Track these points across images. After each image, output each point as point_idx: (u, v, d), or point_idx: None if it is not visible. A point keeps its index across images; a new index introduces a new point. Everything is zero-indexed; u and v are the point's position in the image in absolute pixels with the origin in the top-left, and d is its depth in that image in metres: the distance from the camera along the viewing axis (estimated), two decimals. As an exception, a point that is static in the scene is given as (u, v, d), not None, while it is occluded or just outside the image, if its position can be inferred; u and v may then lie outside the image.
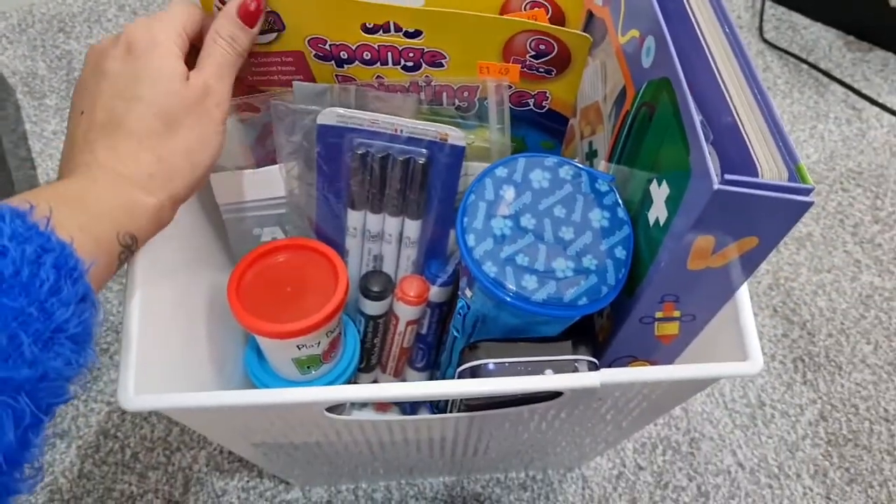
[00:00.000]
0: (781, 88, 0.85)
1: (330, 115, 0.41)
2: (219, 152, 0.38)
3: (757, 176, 0.33)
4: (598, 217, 0.39)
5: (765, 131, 0.35)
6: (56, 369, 0.26)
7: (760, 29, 0.90)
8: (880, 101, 0.83)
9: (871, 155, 0.79)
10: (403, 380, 0.57)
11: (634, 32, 0.41)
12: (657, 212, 0.37)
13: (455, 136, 0.41)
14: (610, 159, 0.44)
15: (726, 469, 0.61)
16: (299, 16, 0.42)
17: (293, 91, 0.42)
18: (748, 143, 0.35)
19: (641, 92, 0.40)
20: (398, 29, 0.42)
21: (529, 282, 0.37)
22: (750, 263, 0.35)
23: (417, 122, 0.41)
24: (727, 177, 0.31)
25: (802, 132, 0.81)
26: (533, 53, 0.43)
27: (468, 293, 0.39)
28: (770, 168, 0.33)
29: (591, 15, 0.50)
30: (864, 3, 0.86)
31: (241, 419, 0.39)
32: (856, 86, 0.85)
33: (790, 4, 0.93)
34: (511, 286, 0.36)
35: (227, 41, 0.38)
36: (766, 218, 0.32)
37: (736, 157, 0.35)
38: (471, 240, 0.38)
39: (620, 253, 0.38)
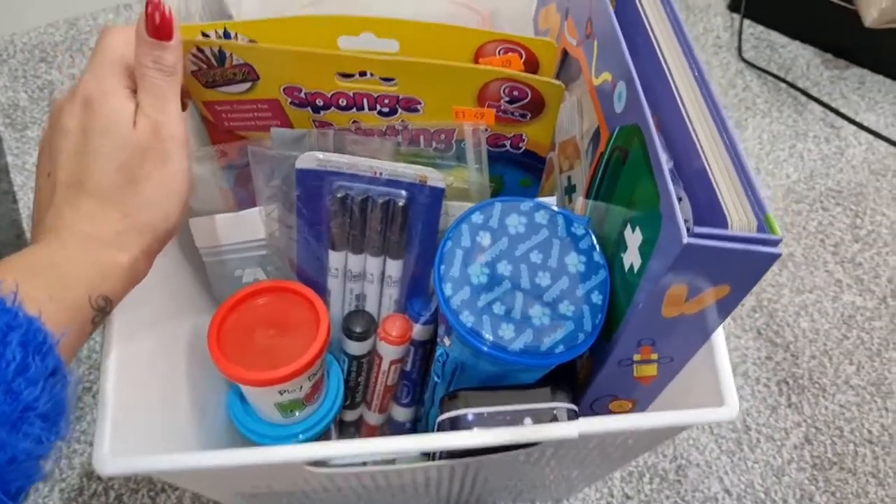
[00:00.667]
0: (761, 108, 0.86)
1: (309, 160, 0.41)
2: (188, 192, 0.38)
3: (726, 226, 0.34)
4: (574, 262, 0.39)
5: (734, 178, 0.35)
6: (26, 450, 0.26)
7: (739, 48, 0.91)
8: (857, 119, 0.84)
9: (850, 173, 0.80)
10: (389, 416, 0.57)
11: (607, 76, 0.42)
12: (631, 257, 0.37)
13: (434, 177, 0.41)
14: (587, 197, 0.45)
15: (713, 496, 0.62)
16: (273, 67, 0.42)
17: (271, 137, 0.43)
18: (717, 190, 0.35)
19: (615, 136, 0.40)
20: (373, 74, 0.43)
21: (506, 331, 0.37)
22: (724, 309, 0.36)
23: (396, 164, 0.41)
24: (696, 230, 0.31)
25: (782, 151, 0.82)
26: (507, 99, 0.43)
27: (446, 341, 0.40)
28: (739, 217, 0.33)
29: (566, 54, 0.50)
30: (839, 21, 0.87)
31: (223, 475, 0.39)
32: (834, 104, 0.86)
33: (768, 23, 0.94)
34: (488, 336, 0.37)
35: (152, 67, 0.36)
36: (736, 268, 0.33)
37: (706, 203, 0.36)
38: (448, 289, 0.38)
39: (597, 298, 0.39)
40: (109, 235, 0.34)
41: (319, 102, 0.44)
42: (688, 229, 0.36)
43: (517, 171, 0.49)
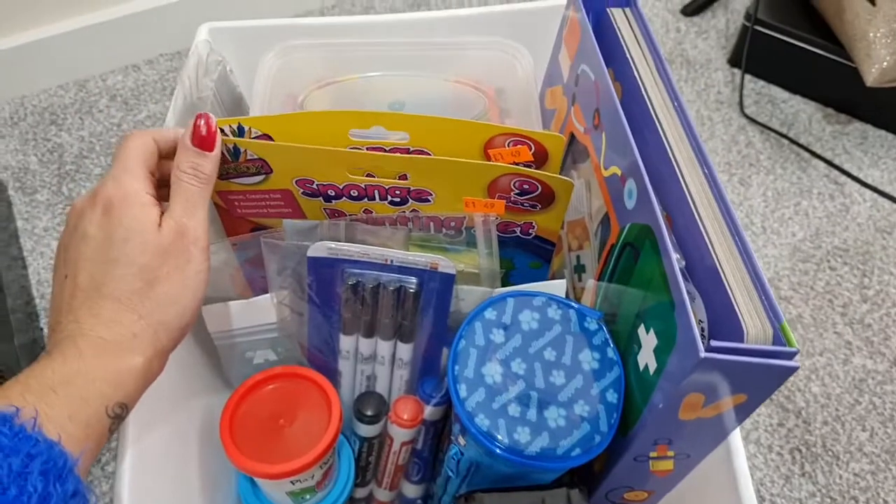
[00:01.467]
0: (764, 164, 0.86)
1: (321, 248, 0.42)
2: (203, 292, 0.38)
3: (742, 333, 0.34)
4: (588, 358, 0.40)
5: (748, 283, 0.35)
6: None
7: (741, 104, 0.92)
8: (861, 175, 0.84)
9: (856, 231, 0.80)
10: (400, 492, 0.56)
11: (616, 170, 0.42)
12: (646, 358, 0.37)
13: (445, 264, 0.42)
14: (596, 291, 0.45)
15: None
16: (286, 161, 0.42)
17: (283, 229, 0.43)
18: (731, 294, 0.35)
19: (625, 231, 0.41)
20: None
21: (522, 434, 0.37)
22: (741, 413, 0.36)
23: (407, 252, 0.42)
24: (713, 343, 0.32)
25: (787, 209, 0.82)
26: (517, 191, 0.43)
27: (461, 440, 0.39)
28: (754, 325, 0.34)
29: (573, 137, 0.51)
30: (840, 76, 0.88)
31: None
32: (837, 160, 0.86)
33: (769, 78, 0.95)
34: (504, 439, 0.37)
35: (190, 173, 0.38)
36: (753, 379, 0.33)
37: (718, 304, 0.36)
38: (462, 390, 0.38)
39: (612, 396, 0.39)
40: (126, 339, 0.35)
41: (331, 193, 0.44)
42: (702, 334, 0.36)
43: (527, 254, 0.50)
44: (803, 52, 0.90)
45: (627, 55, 0.47)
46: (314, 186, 0.44)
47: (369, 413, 0.49)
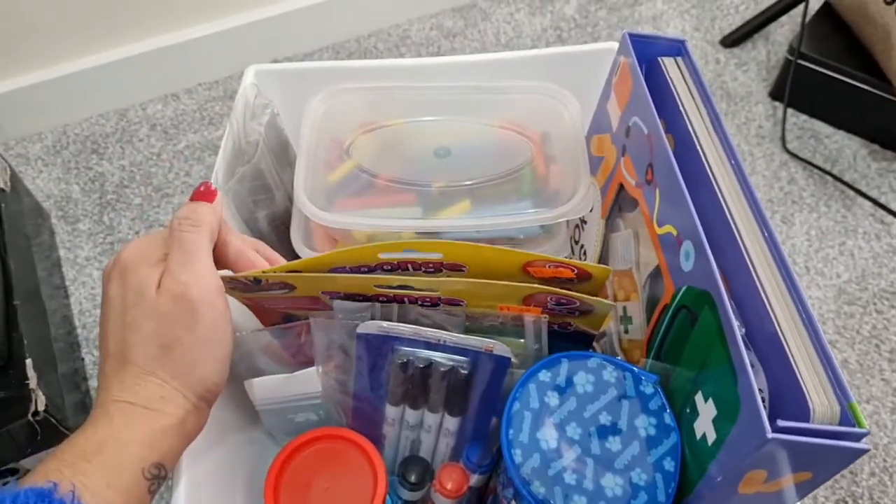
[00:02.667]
0: (808, 202, 0.85)
1: (371, 326, 0.41)
2: (227, 349, 0.38)
3: (807, 408, 0.33)
4: (644, 424, 0.39)
5: (812, 355, 0.34)
6: None
7: (783, 139, 0.90)
8: (909, 214, 0.83)
9: (904, 272, 0.79)
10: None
11: (671, 229, 0.41)
12: (704, 427, 0.36)
13: (500, 348, 0.41)
14: (648, 347, 0.44)
15: None
16: (310, 284, 0.42)
17: (333, 309, 0.43)
18: (795, 366, 0.34)
19: (681, 294, 0.40)
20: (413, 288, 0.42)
21: (579, 502, 0.36)
22: (804, 490, 0.35)
23: (461, 335, 0.41)
24: (780, 423, 0.31)
25: (832, 249, 0.81)
26: (554, 304, 0.42)
27: (513, 505, 0.39)
28: (821, 402, 0.33)
29: (622, 187, 0.50)
30: (887, 112, 0.87)
31: None
32: (883, 199, 0.84)
33: (812, 112, 0.94)
34: (558, 508, 0.36)
35: (185, 220, 0.37)
36: (819, 460, 0.32)
37: (781, 375, 0.35)
38: (517, 455, 0.37)
39: (669, 465, 0.38)
40: (153, 401, 0.35)
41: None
42: (765, 403, 0.35)
43: (567, 342, 0.48)
44: (848, 87, 0.88)
45: (680, 107, 0.47)
46: (340, 295, 0.43)
47: (413, 479, 0.48)
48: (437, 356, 0.41)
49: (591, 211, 0.57)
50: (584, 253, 0.57)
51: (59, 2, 0.85)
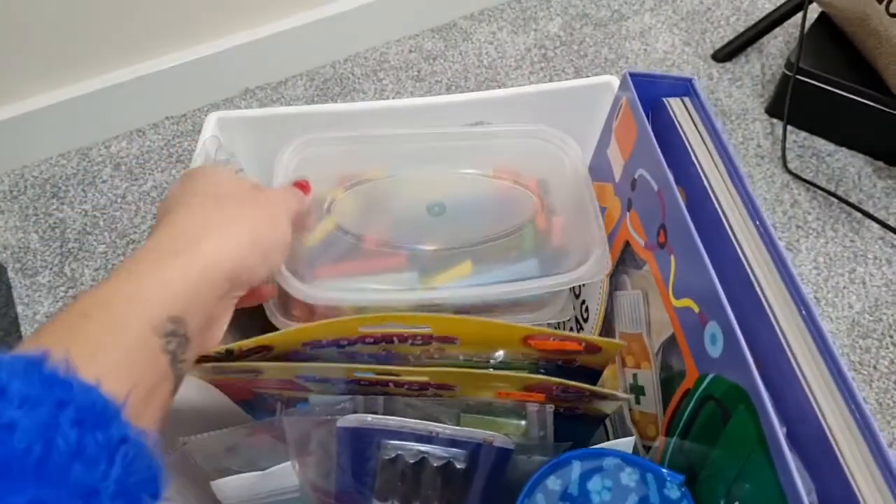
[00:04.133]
0: (813, 226, 0.81)
1: (353, 420, 0.36)
2: (283, 243, 0.36)
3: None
4: (669, 535, 0.34)
5: (867, 458, 0.30)
6: None
7: (783, 158, 0.86)
8: (920, 236, 0.78)
9: (919, 300, 0.74)
10: None
11: (692, 304, 0.36)
12: (743, 547, 0.31)
13: (501, 440, 0.36)
14: (668, 433, 0.39)
15: None
16: (281, 371, 0.37)
17: (309, 404, 0.37)
18: (849, 473, 0.29)
19: (708, 382, 0.35)
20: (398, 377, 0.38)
21: None
22: None
23: (456, 427, 0.36)
24: (843, 564, 0.26)
25: (842, 277, 0.76)
26: (560, 391, 0.37)
27: None
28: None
29: (627, 243, 0.45)
30: (889, 127, 0.83)
31: None
32: (891, 220, 0.80)
33: (812, 130, 0.89)
34: None
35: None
36: None
37: (828, 475, 0.30)
38: (526, 584, 0.32)
39: (700, 586, 0.33)
40: (179, 244, 0.31)
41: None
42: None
43: (570, 423, 0.44)
44: (849, 102, 0.84)
45: (692, 156, 0.42)
46: (315, 378, 0.38)
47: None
48: (429, 449, 0.36)
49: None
50: (587, 310, 0.52)
51: (12, 36, 0.79)
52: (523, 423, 0.41)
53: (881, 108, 0.82)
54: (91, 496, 0.23)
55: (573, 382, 0.36)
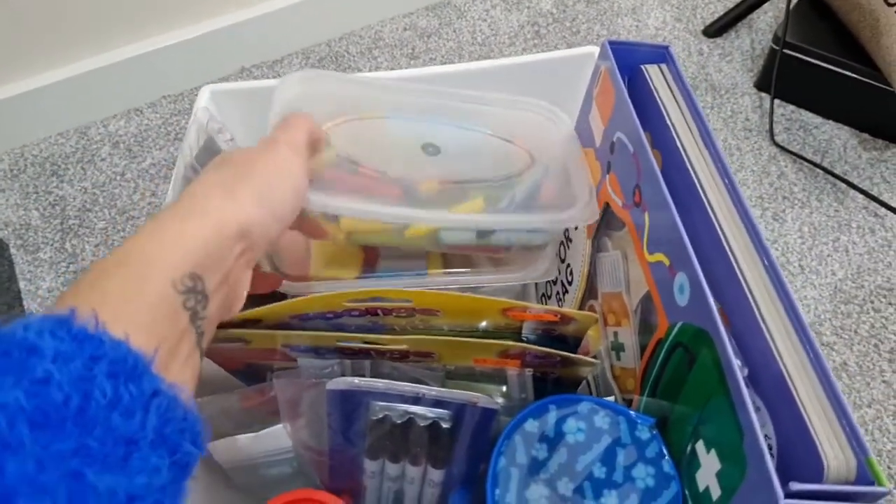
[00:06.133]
0: (799, 197, 0.82)
1: (342, 382, 0.38)
2: (300, 184, 0.35)
3: (819, 462, 0.30)
4: (642, 474, 0.36)
5: (823, 402, 0.31)
6: (144, 485, 0.23)
7: (771, 131, 0.87)
8: (903, 206, 0.80)
9: (900, 267, 0.76)
10: None
11: (663, 258, 0.38)
12: (707, 480, 0.33)
13: (486, 400, 0.37)
14: (643, 382, 0.41)
15: None
16: (267, 339, 0.38)
17: (298, 367, 0.39)
18: (805, 414, 0.31)
19: (676, 330, 0.37)
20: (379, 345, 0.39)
21: (572, 570, 0.33)
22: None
23: (441, 389, 0.38)
24: (793, 487, 0.28)
25: (825, 245, 0.78)
26: (533, 357, 0.39)
27: (502, 571, 0.36)
28: (835, 456, 0.30)
29: (607, 205, 0.47)
30: (876, 100, 0.84)
31: None
32: (875, 190, 0.82)
33: (799, 103, 0.91)
34: (551, 577, 0.33)
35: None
36: (838, 522, 0.29)
37: (788, 418, 0.32)
38: (504, 518, 0.34)
39: (669, 518, 0.35)
40: (198, 202, 0.31)
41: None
42: (770, 453, 0.32)
43: (549, 386, 0.45)
44: (836, 76, 0.85)
45: (667, 120, 0.43)
46: (301, 348, 0.40)
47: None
48: (416, 410, 0.38)
49: (576, 229, 0.53)
50: (571, 272, 0.54)
51: (10, 16, 0.80)
52: (504, 388, 0.43)
53: (867, 80, 0.84)
54: (131, 445, 0.24)
55: (544, 348, 0.38)
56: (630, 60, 0.46)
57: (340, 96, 0.49)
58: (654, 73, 0.46)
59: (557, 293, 0.57)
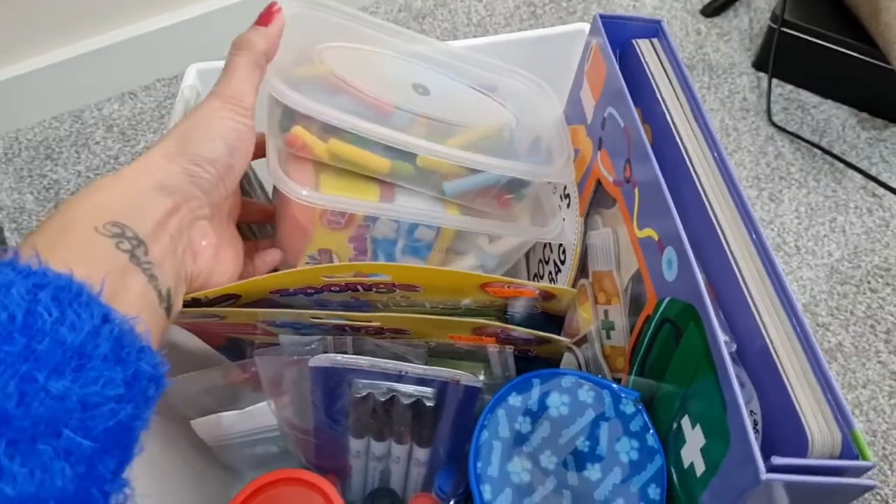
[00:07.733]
0: (796, 177, 0.81)
1: (324, 359, 0.37)
2: (242, 136, 0.36)
3: (804, 436, 0.29)
4: (626, 448, 0.36)
5: (808, 375, 0.31)
6: (97, 393, 0.24)
7: (769, 111, 0.86)
8: (901, 186, 0.79)
9: (897, 247, 0.76)
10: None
11: (652, 233, 0.38)
12: (692, 456, 0.33)
13: (468, 378, 0.37)
14: (631, 359, 0.41)
15: None
16: (244, 315, 0.38)
17: (280, 344, 0.39)
18: (790, 388, 0.31)
19: (664, 305, 0.36)
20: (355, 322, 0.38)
21: (556, 545, 0.33)
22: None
23: (424, 366, 0.37)
24: (775, 461, 0.27)
25: (822, 226, 0.78)
26: (506, 336, 0.39)
27: (487, 546, 0.36)
28: (820, 430, 0.29)
29: (599, 183, 0.46)
30: (876, 78, 0.83)
31: None
32: (873, 170, 0.81)
33: (797, 82, 0.90)
34: (535, 551, 0.33)
35: (234, 45, 0.40)
36: (819, 497, 0.29)
37: (773, 393, 0.32)
38: (487, 492, 0.34)
39: (654, 492, 0.35)
40: (133, 166, 0.33)
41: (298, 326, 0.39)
42: (755, 428, 0.32)
43: (531, 364, 0.45)
44: (834, 54, 0.84)
45: (658, 95, 0.43)
46: (277, 324, 0.39)
47: (381, 515, 0.45)
48: (399, 388, 0.38)
49: (568, 207, 0.53)
50: (563, 251, 0.54)
51: (2, 0, 0.80)
52: (487, 364, 0.43)
53: (866, 58, 0.83)
54: (83, 357, 0.24)
55: (513, 327, 0.37)
56: (622, 35, 0.45)
57: (337, 23, 0.47)
58: (645, 48, 0.45)
59: (550, 273, 0.57)
